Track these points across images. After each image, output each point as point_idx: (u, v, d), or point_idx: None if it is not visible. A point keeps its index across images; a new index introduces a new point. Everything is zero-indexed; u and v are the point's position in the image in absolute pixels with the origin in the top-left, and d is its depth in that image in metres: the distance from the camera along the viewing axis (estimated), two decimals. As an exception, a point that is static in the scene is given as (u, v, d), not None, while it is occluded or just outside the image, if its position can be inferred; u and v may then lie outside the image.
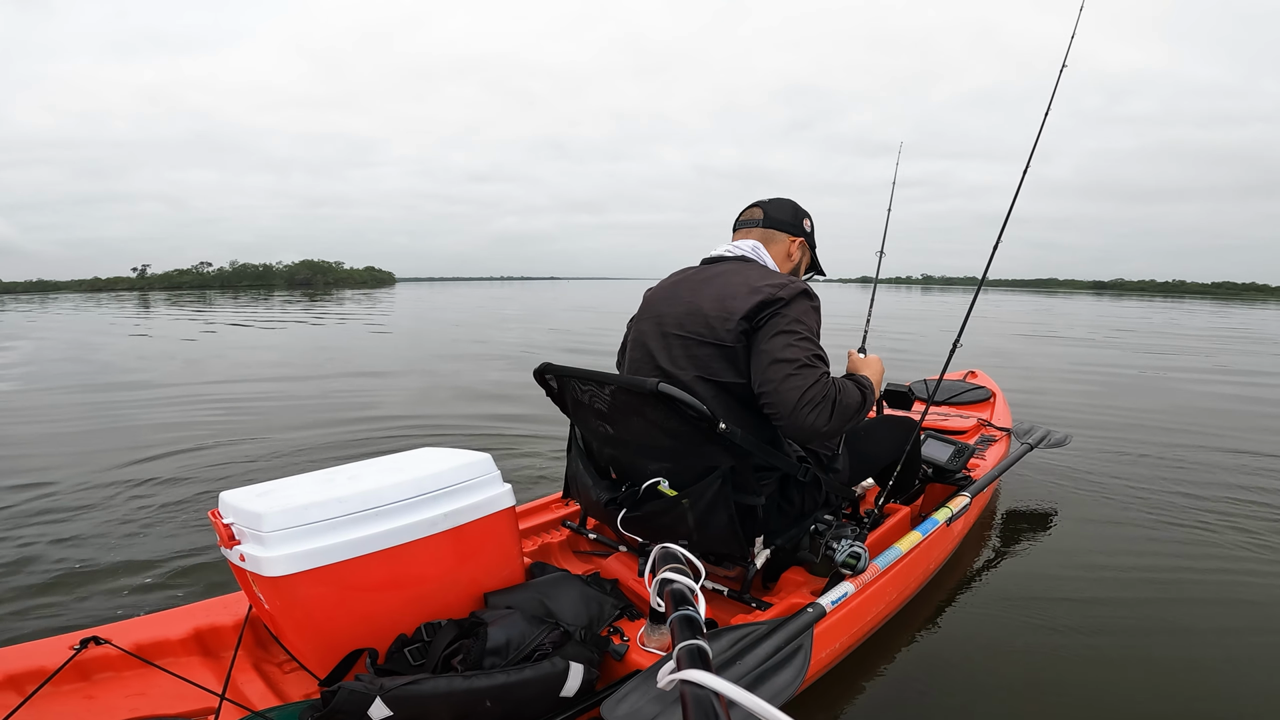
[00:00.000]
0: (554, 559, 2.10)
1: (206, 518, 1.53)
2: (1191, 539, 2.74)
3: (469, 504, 1.60)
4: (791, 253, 1.83)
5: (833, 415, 1.47)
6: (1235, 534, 2.77)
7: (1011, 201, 2.09)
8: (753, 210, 1.85)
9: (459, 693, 1.26)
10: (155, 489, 3.35)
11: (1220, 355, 10.18)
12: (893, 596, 1.89)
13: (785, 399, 1.47)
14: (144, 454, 3.97)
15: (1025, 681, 1.81)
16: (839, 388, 1.51)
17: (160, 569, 2.43)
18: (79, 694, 1.38)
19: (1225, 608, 2.20)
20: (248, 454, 4.06)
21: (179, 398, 5.93)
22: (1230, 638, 2.03)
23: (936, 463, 2.42)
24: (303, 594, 1.38)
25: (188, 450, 4.10)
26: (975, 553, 2.59)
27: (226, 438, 4.41)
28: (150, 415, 5.19)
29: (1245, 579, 2.40)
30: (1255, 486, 3.41)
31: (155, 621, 1.58)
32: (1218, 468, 3.74)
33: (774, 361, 1.49)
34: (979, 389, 3.85)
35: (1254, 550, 2.61)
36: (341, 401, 5.84)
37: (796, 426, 1.48)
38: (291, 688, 1.50)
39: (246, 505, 1.41)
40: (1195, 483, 3.47)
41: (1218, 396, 6.13)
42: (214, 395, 6.05)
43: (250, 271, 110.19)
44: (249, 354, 9.89)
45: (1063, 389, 6.51)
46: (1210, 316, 23.12)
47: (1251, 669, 1.87)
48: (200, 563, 2.48)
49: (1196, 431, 4.63)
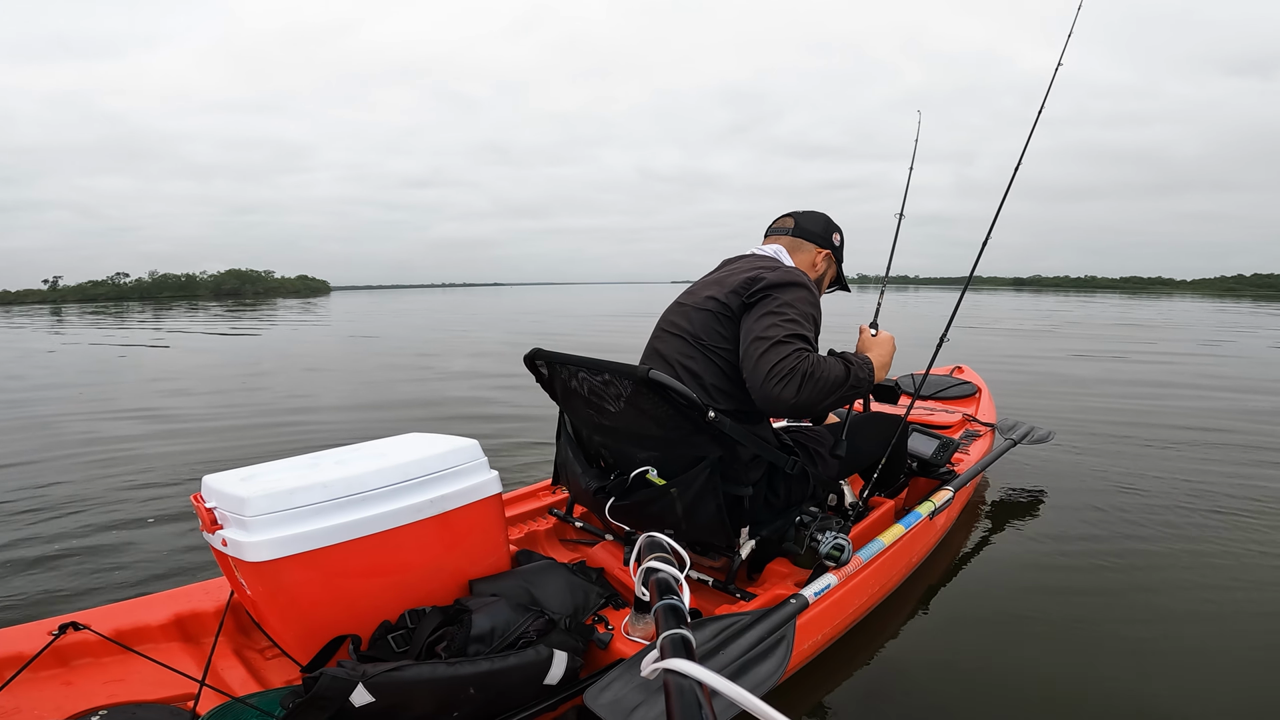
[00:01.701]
0: (540, 547, 2.10)
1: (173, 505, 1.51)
2: (1171, 526, 2.78)
3: (455, 490, 1.59)
4: (817, 263, 1.87)
5: (801, 388, 1.45)
6: (1215, 517, 2.81)
7: (1000, 202, 2.10)
8: (785, 219, 1.91)
9: (443, 679, 1.25)
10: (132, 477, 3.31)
11: (1161, 344, 10.50)
12: (875, 589, 1.90)
13: (757, 371, 1.49)
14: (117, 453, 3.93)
15: (1006, 672, 1.83)
16: (815, 362, 1.49)
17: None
18: (57, 680, 1.37)
19: (1203, 592, 2.24)
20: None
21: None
22: (1208, 624, 2.06)
23: (921, 457, 2.44)
24: (286, 579, 1.37)
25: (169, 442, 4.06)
26: (958, 546, 2.61)
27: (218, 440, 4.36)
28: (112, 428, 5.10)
29: (1222, 563, 2.46)
30: (1223, 473, 3.45)
31: (135, 607, 1.57)
32: (1186, 455, 3.79)
33: (754, 339, 1.53)
34: (965, 384, 3.87)
35: (1231, 532, 2.65)
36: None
37: (764, 398, 1.49)
38: (273, 674, 1.49)
39: (230, 489, 1.39)
40: (1167, 471, 3.52)
41: (1178, 389, 6.22)
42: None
43: (172, 282, 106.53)
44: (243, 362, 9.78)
45: (1011, 381, 6.60)
46: (1135, 309, 24.53)
47: (1231, 655, 1.90)
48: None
49: (1168, 425, 4.68)
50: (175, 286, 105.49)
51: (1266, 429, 4.65)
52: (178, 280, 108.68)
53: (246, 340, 13.68)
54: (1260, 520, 2.86)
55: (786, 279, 1.61)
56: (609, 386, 1.61)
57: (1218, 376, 7.28)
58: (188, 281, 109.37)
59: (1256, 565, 2.45)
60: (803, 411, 1.53)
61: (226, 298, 78.45)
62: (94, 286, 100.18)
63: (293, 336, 14.53)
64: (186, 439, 4.46)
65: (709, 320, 1.67)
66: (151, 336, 14.96)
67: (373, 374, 7.88)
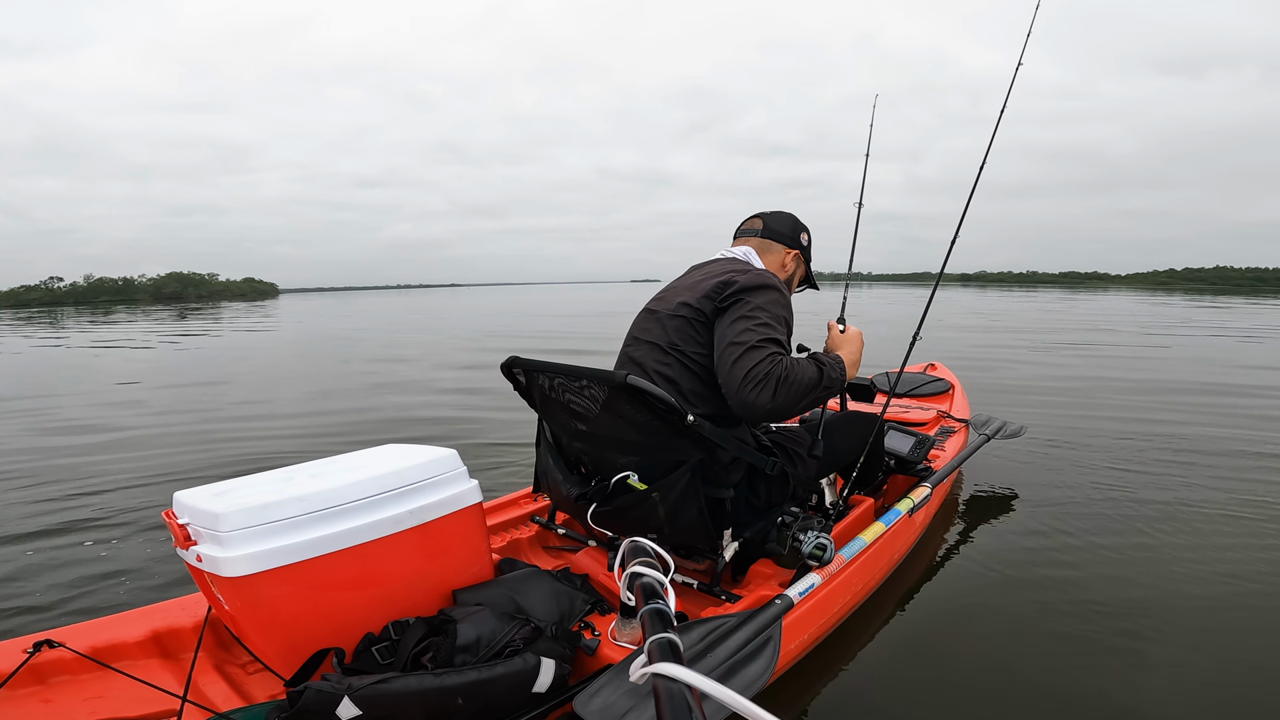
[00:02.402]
0: (523, 555, 2.09)
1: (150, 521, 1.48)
2: (1142, 518, 2.84)
3: (435, 500, 1.58)
4: (786, 264, 1.89)
5: (776, 392, 1.47)
6: (1184, 507, 2.88)
7: (967, 200, 2.15)
8: (753, 220, 1.93)
9: (430, 690, 1.25)
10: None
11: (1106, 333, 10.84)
12: (859, 587, 1.92)
13: (732, 378, 1.50)
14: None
15: (989, 664, 1.86)
16: (789, 366, 1.51)
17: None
18: (36, 698, 1.35)
19: (1182, 584, 2.28)
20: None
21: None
22: (1184, 615, 2.10)
23: (898, 454, 2.47)
24: (264, 594, 1.36)
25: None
26: (937, 541, 2.65)
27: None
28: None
29: (1194, 552, 2.52)
30: (1189, 464, 3.54)
31: (110, 624, 1.54)
32: (1155, 445, 3.89)
33: (727, 344, 1.54)
34: (938, 381, 3.94)
35: (1202, 521, 2.71)
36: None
37: (741, 404, 1.51)
38: (256, 689, 1.47)
39: (203, 505, 1.38)
40: (1138, 463, 3.61)
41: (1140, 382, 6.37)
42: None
43: (109, 286, 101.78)
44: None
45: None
46: (1081, 303, 25.37)
47: (1208, 646, 1.94)
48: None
49: (1131, 413, 4.79)
50: (112, 291, 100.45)
51: (1231, 420, 4.79)
52: (115, 284, 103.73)
53: (194, 346, 13.16)
54: (1229, 510, 2.94)
55: (758, 282, 1.63)
56: (587, 393, 1.61)
57: (1178, 369, 7.49)
58: (125, 285, 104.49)
59: (1227, 553, 2.51)
60: (779, 415, 1.54)
61: (167, 302, 75.41)
62: (26, 291, 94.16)
63: (235, 344, 13.83)
64: (133, 453, 4.32)
65: (682, 326, 1.67)
66: (90, 340, 14.48)
67: (333, 382, 7.66)
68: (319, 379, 8.02)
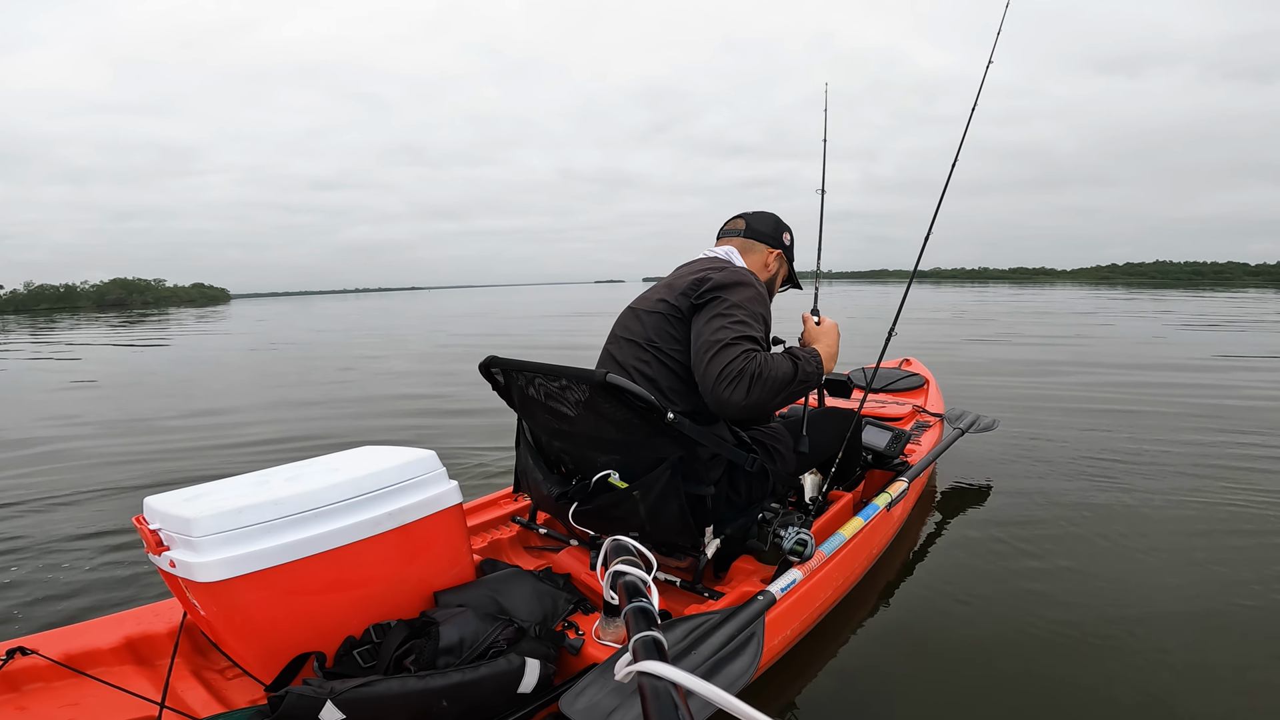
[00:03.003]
0: (505, 555, 2.08)
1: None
2: (1112, 500, 2.92)
3: (413, 502, 1.58)
4: (769, 263, 1.90)
5: (751, 389, 1.47)
6: (1159, 493, 2.95)
7: (939, 197, 2.17)
8: (736, 220, 1.94)
9: (414, 693, 1.24)
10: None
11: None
12: (840, 581, 1.94)
13: (707, 376, 1.51)
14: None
15: (970, 653, 1.89)
16: (762, 362, 1.51)
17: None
18: (10, 705, 1.33)
19: (1160, 575, 2.33)
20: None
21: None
22: (1160, 594, 2.16)
23: (875, 449, 2.49)
24: (241, 599, 1.34)
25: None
26: (915, 534, 2.68)
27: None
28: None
29: (1170, 535, 2.59)
30: (1157, 448, 3.63)
31: (83, 630, 1.51)
32: (1122, 433, 3.97)
33: (703, 342, 1.55)
34: (913, 376, 3.99)
35: (1177, 505, 2.78)
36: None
37: (716, 401, 1.51)
38: (236, 694, 1.45)
39: (175, 510, 1.36)
40: (1108, 451, 3.69)
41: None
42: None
43: (50, 293, 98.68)
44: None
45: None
46: (1035, 298, 26.21)
47: (1191, 627, 1.99)
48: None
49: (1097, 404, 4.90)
50: (54, 298, 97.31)
51: (1188, 400, 5.06)
52: (56, 291, 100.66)
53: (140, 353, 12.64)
54: (1202, 493, 3.02)
55: (733, 279, 1.64)
56: (566, 392, 1.61)
57: (1141, 356, 7.77)
58: (67, 292, 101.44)
59: (1199, 539, 2.58)
60: (754, 411, 1.54)
61: (111, 309, 71.76)
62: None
63: (189, 351, 13.19)
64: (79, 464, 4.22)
65: (660, 323, 1.69)
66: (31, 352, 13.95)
67: (300, 390, 7.40)
68: (279, 384, 7.86)
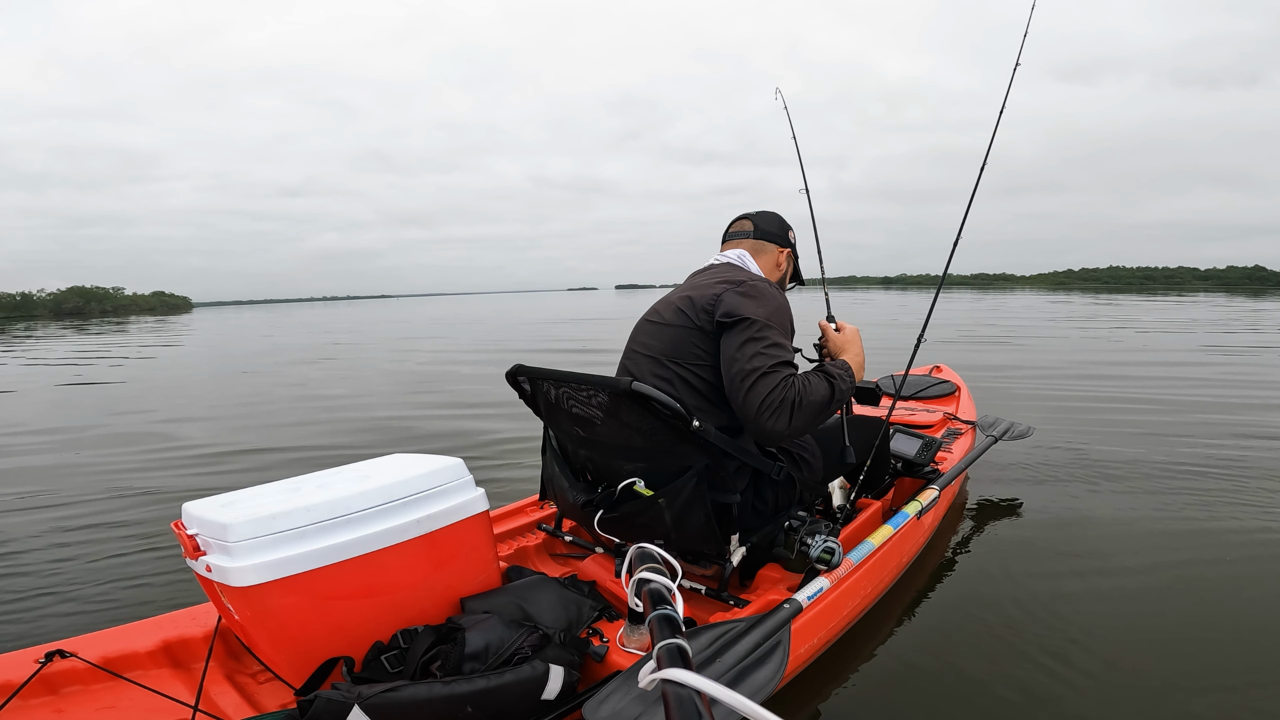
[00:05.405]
0: (530, 562, 2.09)
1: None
2: (1148, 516, 2.83)
3: (441, 509, 1.59)
4: (780, 263, 1.90)
5: (794, 417, 1.48)
6: (1195, 499, 2.87)
7: (968, 204, 2.15)
8: (742, 223, 1.92)
9: (439, 698, 1.25)
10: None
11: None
12: (868, 590, 1.92)
13: (748, 406, 1.50)
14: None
15: (1001, 668, 1.84)
16: (801, 388, 1.51)
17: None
18: (48, 708, 1.36)
19: (1193, 588, 2.26)
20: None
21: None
22: (1196, 611, 2.10)
23: (905, 457, 2.46)
24: (274, 603, 1.37)
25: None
26: (946, 544, 2.63)
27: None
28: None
29: (1201, 543, 2.53)
30: (1193, 453, 3.52)
31: (121, 634, 1.55)
32: (1157, 441, 3.87)
33: (739, 371, 1.53)
34: (944, 383, 3.92)
35: (1211, 516, 2.70)
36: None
37: (758, 431, 1.52)
38: (267, 698, 1.48)
39: (211, 516, 1.39)
40: (1143, 460, 3.60)
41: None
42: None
43: (5, 302, 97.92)
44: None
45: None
46: (1003, 303, 26.29)
47: (1218, 640, 1.94)
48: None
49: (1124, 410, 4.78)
50: (9, 307, 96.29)
51: (1221, 410, 4.95)
52: (11, 300, 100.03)
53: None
54: (1238, 503, 2.93)
55: (756, 295, 1.62)
56: (592, 400, 1.61)
57: (1168, 365, 7.59)
58: (23, 301, 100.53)
59: (1242, 550, 2.50)
60: (797, 436, 1.55)
61: (68, 317, 70.80)
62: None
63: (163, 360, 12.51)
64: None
65: (680, 338, 1.67)
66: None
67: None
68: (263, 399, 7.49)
